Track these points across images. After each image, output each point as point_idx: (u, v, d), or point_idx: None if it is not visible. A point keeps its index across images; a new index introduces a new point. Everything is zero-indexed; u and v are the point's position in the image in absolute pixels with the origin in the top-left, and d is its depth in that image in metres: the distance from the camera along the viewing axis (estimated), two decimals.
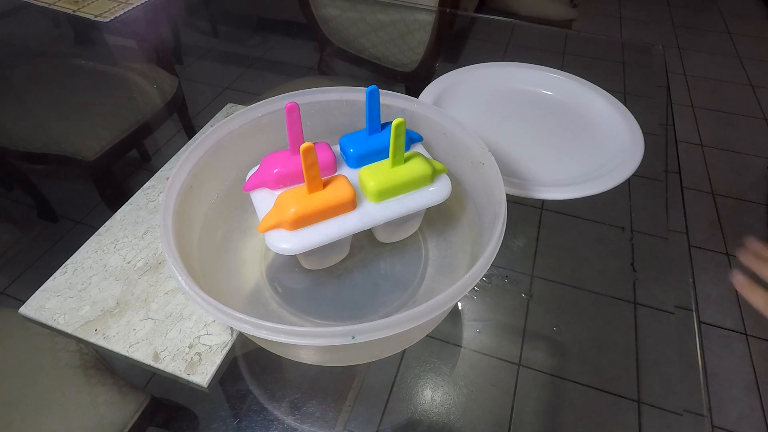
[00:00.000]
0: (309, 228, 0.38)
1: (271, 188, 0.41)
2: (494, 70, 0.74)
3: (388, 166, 0.40)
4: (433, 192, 0.42)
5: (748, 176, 1.67)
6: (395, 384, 0.51)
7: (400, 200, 0.41)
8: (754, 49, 2.25)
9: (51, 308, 0.48)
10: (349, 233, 0.39)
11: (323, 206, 0.38)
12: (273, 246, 0.38)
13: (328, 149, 0.42)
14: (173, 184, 0.42)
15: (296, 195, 0.38)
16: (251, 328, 0.32)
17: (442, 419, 0.49)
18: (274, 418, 0.46)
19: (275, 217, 0.38)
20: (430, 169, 0.41)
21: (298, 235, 0.38)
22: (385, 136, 0.43)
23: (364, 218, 0.39)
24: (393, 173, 0.40)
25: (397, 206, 0.40)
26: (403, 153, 0.40)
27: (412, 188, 0.41)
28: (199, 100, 1.40)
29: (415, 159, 0.41)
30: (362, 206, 0.40)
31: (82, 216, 0.77)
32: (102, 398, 0.51)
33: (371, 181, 0.40)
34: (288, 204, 0.37)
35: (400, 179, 0.40)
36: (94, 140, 0.97)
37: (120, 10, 0.99)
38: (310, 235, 0.38)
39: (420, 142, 0.46)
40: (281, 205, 0.38)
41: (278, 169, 0.41)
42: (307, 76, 1.45)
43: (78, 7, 0.99)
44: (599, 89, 0.69)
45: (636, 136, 0.61)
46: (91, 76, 1.08)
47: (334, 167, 0.43)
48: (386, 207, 0.40)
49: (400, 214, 0.40)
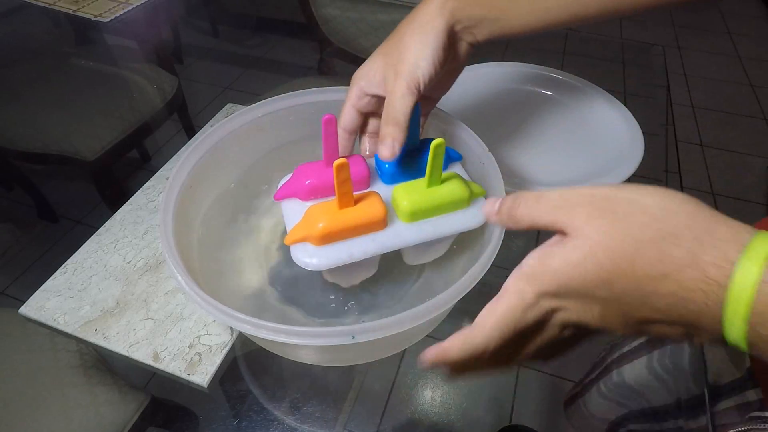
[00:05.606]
0: (337, 244, 0.36)
1: (302, 199, 0.40)
2: (494, 70, 0.74)
3: (424, 185, 0.38)
4: (469, 216, 0.39)
5: (748, 176, 1.67)
6: (395, 384, 0.51)
7: (433, 222, 0.38)
8: (754, 49, 2.25)
9: (51, 308, 0.48)
10: (377, 253, 0.37)
11: (353, 223, 0.36)
12: (298, 260, 0.36)
13: (362, 163, 0.41)
14: (173, 184, 0.42)
15: (326, 209, 0.37)
16: (251, 328, 0.32)
17: (442, 419, 0.49)
18: (274, 418, 0.46)
19: (303, 231, 0.37)
20: (467, 192, 0.39)
21: (325, 251, 0.36)
22: (423, 153, 0.41)
23: (394, 239, 0.37)
24: (428, 194, 0.38)
25: (430, 229, 0.38)
26: (440, 173, 0.38)
27: (447, 210, 0.39)
28: (199, 100, 1.40)
29: (453, 180, 0.39)
30: (393, 226, 0.38)
31: (82, 216, 0.77)
32: (102, 398, 0.51)
33: (405, 201, 0.37)
34: (317, 218, 0.36)
35: (436, 201, 0.38)
36: (94, 140, 0.97)
37: (120, 10, 0.99)
38: (336, 252, 0.36)
39: (459, 161, 0.44)
40: (310, 219, 0.37)
41: (310, 181, 0.39)
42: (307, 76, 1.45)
43: (78, 7, 0.99)
44: (599, 89, 0.69)
45: (636, 136, 0.61)
46: (91, 76, 1.08)
47: (368, 182, 0.41)
48: (419, 228, 0.38)
49: (432, 237, 0.38)
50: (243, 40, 2.11)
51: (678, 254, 0.21)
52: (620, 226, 0.22)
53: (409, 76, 0.35)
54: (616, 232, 0.22)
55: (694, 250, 0.21)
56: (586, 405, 0.49)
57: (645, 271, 0.21)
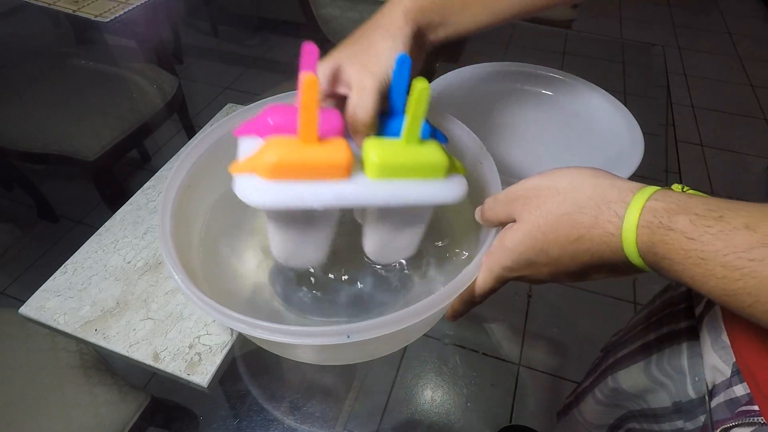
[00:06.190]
0: (289, 183, 0.31)
1: (262, 136, 0.35)
2: (494, 70, 0.74)
3: (401, 143, 0.34)
4: (445, 187, 0.35)
5: (748, 176, 1.67)
6: (395, 384, 0.51)
7: (402, 185, 0.34)
8: (754, 49, 2.25)
9: (51, 308, 0.48)
10: (332, 205, 0.33)
11: (312, 161, 0.31)
12: (241, 194, 0.32)
13: (338, 116, 0.36)
14: (171, 183, 0.41)
15: (285, 142, 0.32)
16: (247, 327, 0.32)
17: (442, 419, 0.49)
18: (274, 418, 0.46)
19: (254, 161, 0.32)
20: (447, 160, 0.34)
21: (274, 187, 0.31)
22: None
23: (354, 191, 0.33)
24: (402, 149, 0.34)
25: (397, 191, 0.33)
26: (419, 127, 0.33)
27: (421, 176, 0.34)
28: (199, 100, 1.40)
29: (432, 144, 0.35)
30: (357, 178, 0.33)
31: (82, 216, 0.77)
32: (102, 398, 0.51)
33: (374, 152, 0.33)
34: (272, 149, 0.31)
35: (409, 159, 0.33)
36: (94, 140, 0.97)
37: (120, 10, 0.99)
38: (286, 192, 0.31)
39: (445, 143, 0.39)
40: (264, 149, 0.32)
41: (275, 119, 0.34)
42: None
43: (78, 7, 0.99)
44: (599, 89, 0.69)
45: (636, 136, 0.61)
46: (91, 76, 1.08)
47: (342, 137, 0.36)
48: (385, 187, 0.33)
49: (398, 202, 0.34)
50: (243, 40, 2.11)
51: (585, 220, 0.28)
52: (544, 207, 0.30)
53: (383, 75, 0.36)
54: (541, 212, 0.30)
55: (595, 214, 0.28)
56: (582, 413, 0.49)
57: (565, 236, 0.29)
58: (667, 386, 0.39)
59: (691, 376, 0.36)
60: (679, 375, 0.37)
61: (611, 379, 0.45)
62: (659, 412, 0.40)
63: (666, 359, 0.39)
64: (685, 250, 0.24)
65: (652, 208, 0.26)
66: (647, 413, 0.41)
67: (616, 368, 0.45)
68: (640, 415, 0.43)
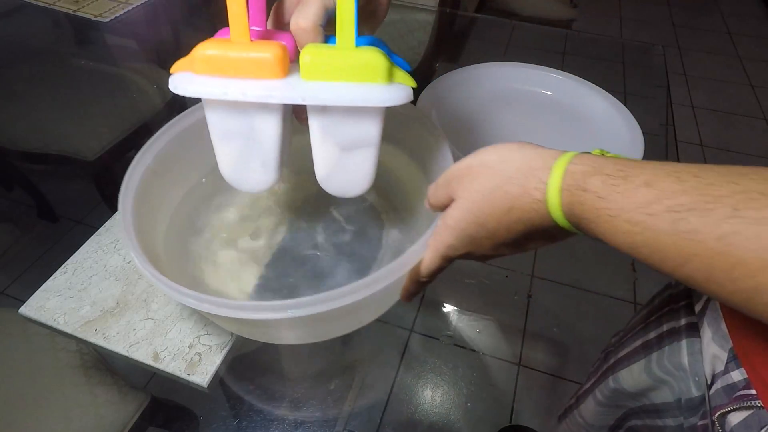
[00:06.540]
0: (219, 78, 0.33)
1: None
2: (494, 70, 0.74)
3: (337, 46, 0.33)
4: (384, 90, 0.32)
5: None
6: (395, 384, 0.51)
7: (336, 86, 0.32)
8: (754, 49, 2.25)
9: (51, 308, 0.48)
10: (260, 99, 0.32)
11: (243, 54, 0.32)
12: (175, 87, 0.33)
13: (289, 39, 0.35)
14: (136, 166, 0.43)
15: (219, 41, 0.33)
16: (195, 302, 0.34)
17: (442, 419, 0.49)
18: (274, 418, 0.46)
19: (188, 59, 0.33)
20: (386, 63, 0.32)
21: (204, 79, 0.33)
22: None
23: (285, 89, 0.32)
24: (336, 50, 0.32)
25: (330, 92, 0.32)
26: (353, 30, 0.32)
27: (357, 79, 0.32)
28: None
29: (372, 49, 0.33)
30: (290, 78, 0.33)
31: (82, 216, 0.77)
32: (102, 398, 0.51)
33: (307, 53, 0.32)
34: (205, 45, 0.32)
35: (343, 59, 0.32)
36: (94, 140, 0.97)
37: (120, 10, 0.99)
38: (215, 84, 0.32)
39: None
40: (198, 47, 0.33)
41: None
42: None
43: (78, 7, 0.99)
44: (599, 89, 0.69)
45: (636, 136, 0.61)
46: (91, 76, 1.08)
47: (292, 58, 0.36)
48: (317, 87, 0.32)
49: (333, 101, 0.33)
50: None
51: (514, 190, 0.29)
52: (477, 183, 0.31)
53: None
54: (474, 188, 0.31)
55: (523, 184, 0.29)
56: (582, 415, 0.49)
57: (498, 208, 0.30)
58: (669, 383, 0.39)
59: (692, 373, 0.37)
60: (680, 372, 0.38)
61: (612, 380, 0.45)
62: (662, 407, 0.40)
63: (666, 357, 0.39)
64: (597, 209, 0.26)
65: (571, 171, 0.27)
66: (649, 409, 0.41)
67: (616, 368, 0.45)
68: (642, 411, 0.43)
